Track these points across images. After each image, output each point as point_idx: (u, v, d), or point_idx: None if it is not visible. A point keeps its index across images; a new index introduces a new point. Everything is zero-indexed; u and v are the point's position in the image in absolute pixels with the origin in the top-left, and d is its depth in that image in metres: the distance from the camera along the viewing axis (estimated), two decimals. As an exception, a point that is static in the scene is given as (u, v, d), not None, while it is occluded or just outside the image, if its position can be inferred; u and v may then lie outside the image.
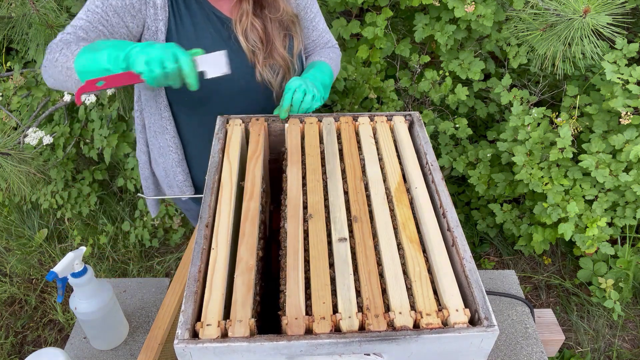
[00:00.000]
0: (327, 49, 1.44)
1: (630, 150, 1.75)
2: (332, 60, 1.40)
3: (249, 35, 1.22)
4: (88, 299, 1.06)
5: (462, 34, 2.02)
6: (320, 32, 1.41)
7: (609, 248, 1.96)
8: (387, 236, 0.89)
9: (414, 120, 1.16)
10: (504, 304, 1.29)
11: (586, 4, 1.48)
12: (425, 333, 0.73)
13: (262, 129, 1.13)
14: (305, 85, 1.18)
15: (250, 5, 1.20)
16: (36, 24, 1.65)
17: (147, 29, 1.17)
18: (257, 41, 1.23)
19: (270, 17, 1.24)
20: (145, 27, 1.17)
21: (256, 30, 1.22)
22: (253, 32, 1.22)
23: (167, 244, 2.62)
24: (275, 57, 1.26)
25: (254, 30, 1.22)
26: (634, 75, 1.75)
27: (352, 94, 2.20)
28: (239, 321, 0.74)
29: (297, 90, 1.16)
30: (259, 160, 1.05)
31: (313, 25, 1.38)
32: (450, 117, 2.33)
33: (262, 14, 1.24)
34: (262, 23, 1.24)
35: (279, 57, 1.26)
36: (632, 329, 2.19)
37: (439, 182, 0.99)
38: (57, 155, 2.24)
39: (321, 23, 1.40)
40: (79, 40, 1.10)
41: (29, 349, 2.19)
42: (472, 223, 2.52)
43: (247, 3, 1.20)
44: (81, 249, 1.04)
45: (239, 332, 0.73)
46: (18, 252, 2.60)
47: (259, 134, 1.12)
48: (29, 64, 2.67)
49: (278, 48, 1.25)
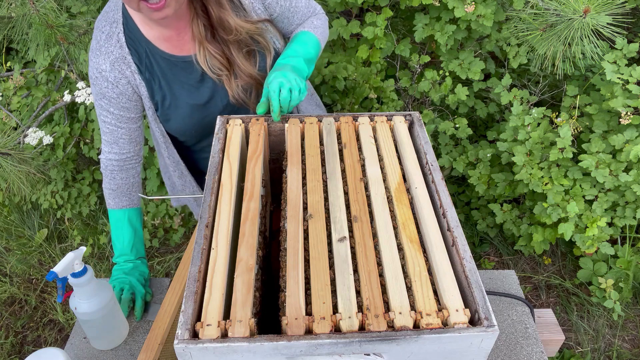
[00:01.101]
0: (311, 18, 1.35)
1: (630, 150, 1.75)
2: (316, 28, 1.33)
3: (210, 63, 1.21)
4: (88, 299, 1.06)
5: (462, 34, 2.02)
6: (303, 11, 1.32)
7: (609, 248, 1.96)
8: (387, 236, 0.89)
9: (414, 120, 1.16)
10: (504, 304, 1.29)
11: (586, 4, 1.48)
12: (425, 333, 0.73)
13: (262, 129, 1.13)
14: (288, 81, 1.13)
15: (202, 31, 1.19)
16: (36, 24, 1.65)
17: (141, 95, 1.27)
18: (220, 67, 1.22)
19: (226, 39, 1.21)
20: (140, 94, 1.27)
21: (215, 58, 1.21)
22: (212, 59, 1.21)
23: (167, 244, 2.62)
24: (243, 77, 1.24)
25: (213, 58, 1.21)
26: (634, 75, 1.75)
27: (352, 94, 2.20)
28: (239, 321, 0.74)
29: (282, 90, 1.12)
30: (259, 160, 1.05)
31: (292, 11, 1.30)
32: (450, 117, 2.33)
33: (218, 38, 1.21)
34: (220, 48, 1.22)
35: (246, 77, 1.24)
36: (632, 329, 2.19)
37: (439, 182, 0.99)
38: (57, 155, 2.24)
39: (300, 4, 1.30)
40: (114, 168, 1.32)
41: (29, 349, 2.19)
42: (472, 223, 2.52)
43: (197, 28, 1.18)
44: (81, 249, 1.03)
45: (239, 332, 0.73)
46: (18, 252, 2.60)
47: (259, 134, 1.12)
48: (29, 64, 2.67)
49: (243, 68, 1.23)
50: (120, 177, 1.32)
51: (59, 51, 2.04)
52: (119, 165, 1.31)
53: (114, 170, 1.32)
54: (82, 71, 2.04)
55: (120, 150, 1.30)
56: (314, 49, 1.29)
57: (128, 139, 1.30)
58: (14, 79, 2.21)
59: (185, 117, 1.30)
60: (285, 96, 1.11)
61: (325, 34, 1.39)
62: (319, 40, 1.32)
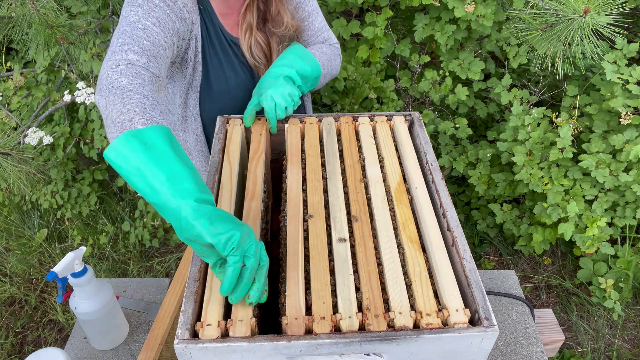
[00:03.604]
0: (322, 44, 1.33)
1: (630, 150, 1.75)
2: (323, 53, 1.27)
3: (254, 50, 1.22)
4: (88, 299, 1.06)
5: (462, 34, 2.02)
6: (315, 32, 1.32)
7: (609, 248, 1.96)
8: (387, 236, 0.89)
9: (414, 120, 1.16)
10: (504, 304, 1.29)
11: (586, 4, 1.48)
12: (425, 333, 0.73)
13: (264, 128, 1.13)
14: (284, 99, 1.11)
15: (254, 18, 1.19)
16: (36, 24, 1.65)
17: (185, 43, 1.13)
18: (262, 56, 1.23)
19: (274, 31, 1.22)
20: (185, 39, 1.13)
21: (260, 46, 1.22)
22: (257, 47, 1.22)
23: (167, 244, 2.62)
24: None
25: (258, 46, 1.22)
26: (634, 75, 1.75)
27: (352, 94, 2.20)
28: (240, 321, 0.74)
29: (277, 110, 1.11)
30: (260, 159, 1.04)
31: (305, 25, 1.30)
32: (450, 117, 2.33)
33: (266, 28, 1.23)
34: (266, 38, 1.23)
35: None
36: (632, 329, 2.19)
37: (439, 182, 0.99)
38: (57, 155, 2.24)
39: (316, 22, 1.31)
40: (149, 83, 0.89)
41: (29, 349, 2.19)
42: (472, 223, 2.52)
43: (251, 14, 1.19)
44: (81, 249, 1.04)
45: (240, 331, 0.72)
46: (18, 252, 2.60)
47: (260, 133, 1.12)
48: (29, 64, 2.67)
49: None
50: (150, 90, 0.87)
51: (59, 51, 2.04)
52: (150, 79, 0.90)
53: (139, 73, 0.89)
54: (82, 71, 2.04)
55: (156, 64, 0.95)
56: (310, 67, 1.20)
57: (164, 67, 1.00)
58: (14, 79, 2.21)
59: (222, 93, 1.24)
60: (281, 115, 1.12)
61: (332, 64, 1.30)
62: (320, 64, 1.23)
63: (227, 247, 0.70)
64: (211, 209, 0.72)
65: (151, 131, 0.76)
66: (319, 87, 1.31)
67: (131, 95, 0.83)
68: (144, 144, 0.75)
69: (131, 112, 0.79)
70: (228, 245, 0.70)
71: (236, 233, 0.71)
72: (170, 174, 0.72)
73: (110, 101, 0.82)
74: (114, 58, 0.90)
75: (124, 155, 0.74)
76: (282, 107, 1.11)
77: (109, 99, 0.83)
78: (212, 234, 0.70)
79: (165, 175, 0.72)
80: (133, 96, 0.83)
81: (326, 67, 1.27)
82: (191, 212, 0.70)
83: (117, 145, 0.75)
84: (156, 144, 0.75)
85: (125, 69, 0.88)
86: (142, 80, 0.87)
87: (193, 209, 0.70)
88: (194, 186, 0.72)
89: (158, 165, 0.73)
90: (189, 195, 0.71)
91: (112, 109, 0.81)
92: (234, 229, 0.71)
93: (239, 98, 1.27)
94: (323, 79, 1.28)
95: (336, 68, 1.35)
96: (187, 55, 1.17)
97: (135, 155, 0.74)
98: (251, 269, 0.73)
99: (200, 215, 0.70)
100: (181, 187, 0.72)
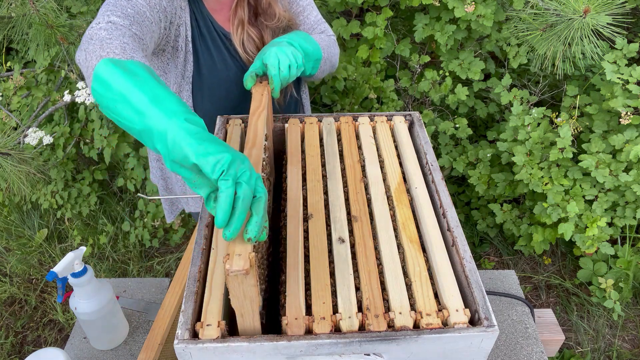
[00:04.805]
0: (320, 34, 1.32)
1: (630, 150, 1.75)
2: (322, 40, 1.26)
3: (247, 45, 1.21)
4: (88, 299, 1.06)
5: (462, 34, 2.02)
6: (311, 25, 1.31)
7: (609, 248, 1.96)
8: (387, 236, 0.89)
9: (414, 120, 1.16)
10: (504, 304, 1.29)
11: (586, 4, 1.48)
12: (425, 333, 0.73)
13: (265, 90, 1.06)
14: (287, 57, 1.07)
15: (245, 13, 1.19)
16: (36, 24, 1.65)
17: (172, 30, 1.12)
18: (254, 51, 1.22)
19: (266, 24, 1.22)
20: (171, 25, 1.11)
21: (252, 40, 1.21)
22: (250, 42, 1.21)
23: (167, 244, 2.62)
24: None
25: (251, 40, 1.21)
26: (634, 75, 1.75)
27: (352, 94, 2.20)
28: (237, 255, 0.67)
29: (281, 67, 1.06)
30: (261, 115, 0.97)
31: (301, 20, 1.30)
32: (450, 117, 2.33)
33: (258, 22, 1.22)
34: (259, 32, 1.22)
35: None
36: (632, 329, 2.19)
37: (439, 182, 0.99)
38: (57, 155, 2.24)
39: (312, 16, 1.31)
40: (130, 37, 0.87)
41: (29, 349, 2.19)
42: (472, 223, 2.52)
43: (242, 10, 1.19)
44: (81, 249, 1.04)
45: (237, 265, 0.65)
46: (18, 252, 2.60)
47: (262, 94, 1.04)
48: (29, 64, 2.67)
49: None
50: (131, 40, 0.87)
51: (59, 51, 2.04)
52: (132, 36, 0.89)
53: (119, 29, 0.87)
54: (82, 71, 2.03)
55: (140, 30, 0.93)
56: (312, 48, 1.19)
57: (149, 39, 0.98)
58: (14, 79, 2.21)
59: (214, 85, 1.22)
60: (285, 74, 1.06)
61: (332, 52, 1.30)
62: (320, 47, 1.23)
63: (217, 170, 0.62)
64: (202, 130, 0.67)
65: (131, 63, 0.74)
66: (319, 75, 1.28)
67: (110, 41, 0.81)
68: (125, 69, 0.72)
69: (111, 54, 0.77)
70: (217, 168, 0.62)
71: (227, 155, 0.63)
72: (155, 96, 0.69)
73: (89, 51, 0.80)
74: (95, 22, 0.89)
75: (106, 83, 0.71)
76: (286, 64, 1.06)
77: (88, 49, 0.81)
78: (199, 153, 0.63)
79: (150, 97, 0.68)
80: (112, 42, 0.81)
81: (326, 52, 1.25)
82: (179, 131, 0.65)
83: (98, 72, 0.72)
84: (138, 72, 0.72)
85: (105, 25, 0.86)
86: (122, 33, 0.85)
87: (181, 128, 0.65)
88: (183, 108, 0.68)
89: (142, 89, 0.69)
90: (178, 115, 0.66)
91: (91, 57, 0.79)
92: (225, 152, 0.64)
93: (231, 91, 1.25)
94: (324, 65, 1.26)
95: (335, 57, 1.34)
96: (178, 44, 1.16)
97: (118, 80, 0.71)
98: (244, 197, 0.63)
99: (189, 134, 0.64)
100: (169, 108, 0.67)
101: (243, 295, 0.68)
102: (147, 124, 0.67)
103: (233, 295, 0.68)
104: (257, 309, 0.71)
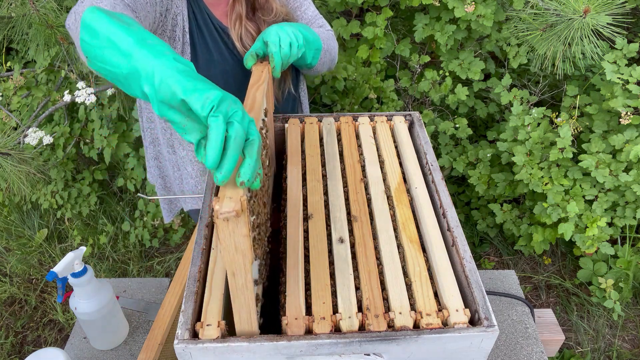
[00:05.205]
0: (319, 28, 1.31)
1: (630, 150, 1.75)
2: (320, 32, 1.26)
3: (244, 40, 1.21)
4: (88, 299, 1.06)
5: (462, 34, 2.02)
6: (309, 20, 1.31)
7: (609, 248, 1.96)
8: (387, 236, 0.89)
9: (414, 120, 1.16)
10: (504, 304, 1.29)
11: (586, 4, 1.48)
12: (425, 333, 0.72)
13: (266, 68, 1.03)
14: (287, 35, 1.05)
15: (243, 8, 1.19)
16: (36, 24, 1.65)
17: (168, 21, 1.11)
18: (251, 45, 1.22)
19: (263, 19, 1.22)
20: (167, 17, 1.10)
21: (250, 35, 1.21)
22: (247, 36, 1.21)
23: (167, 244, 2.62)
24: None
25: (248, 35, 1.21)
26: (634, 75, 1.75)
27: (352, 94, 2.20)
28: (228, 198, 0.63)
29: (282, 45, 1.04)
30: (260, 88, 0.91)
31: (298, 15, 1.30)
32: (450, 117, 2.33)
33: (256, 17, 1.22)
34: (257, 27, 1.22)
35: None
36: (632, 329, 2.19)
37: (439, 182, 0.99)
38: (57, 155, 2.24)
39: (309, 11, 1.31)
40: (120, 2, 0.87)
41: (29, 349, 2.19)
42: (472, 223, 2.52)
43: (240, 5, 1.19)
44: (81, 249, 1.04)
45: (227, 206, 0.62)
46: (18, 252, 2.60)
47: (262, 71, 1.01)
48: (29, 64, 2.67)
49: None
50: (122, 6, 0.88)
51: (59, 51, 2.04)
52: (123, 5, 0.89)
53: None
54: (82, 71, 2.04)
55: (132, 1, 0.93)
56: (313, 37, 1.17)
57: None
58: (14, 79, 2.21)
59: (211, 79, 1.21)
60: (286, 52, 1.04)
61: (331, 45, 1.30)
62: (320, 38, 1.22)
63: (206, 105, 0.59)
64: (191, 70, 0.64)
65: (119, 14, 0.74)
66: (320, 67, 1.27)
67: (101, 2, 0.83)
68: (112, 15, 0.71)
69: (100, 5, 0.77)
70: (207, 103, 0.59)
71: (217, 92, 0.60)
72: (142, 38, 0.67)
73: (78, 12, 0.79)
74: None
75: (93, 30, 0.70)
76: (287, 42, 1.04)
77: (77, 11, 0.80)
78: (188, 89, 0.60)
79: (137, 39, 0.66)
80: (103, 2, 0.83)
81: (325, 44, 1.25)
82: (167, 69, 0.62)
83: (85, 19, 0.71)
84: (125, 19, 0.71)
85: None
86: (112, 1, 0.85)
87: (170, 66, 0.62)
88: (171, 50, 0.66)
89: (129, 32, 0.67)
90: (166, 55, 0.64)
91: (79, 14, 0.77)
92: (216, 89, 0.61)
93: (229, 84, 1.25)
94: (324, 56, 1.25)
95: (335, 50, 1.33)
96: (175, 34, 1.16)
97: (104, 25, 0.69)
98: (236, 136, 0.60)
99: (177, 72, 0.62)
100: (156, 48, 0.65)
101: (234, 248, 0.62)
102: (134, 65, 0.65)
103: (224, 247, 0.62)
104: (249, 267, 0.66)
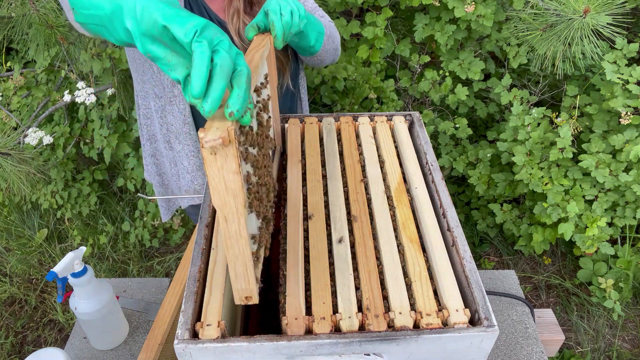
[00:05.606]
0: (320, 18, 1.29)
1: (630, 150, 1.75)
2: (322, 20, 1.24)
3: (242, 34, 1.21)
4: (88, 299, 1.06)
5: (462, 34, 2.02)
6: (308, 11, 1.28)
7: (609, 248, 1.96)
8: (387, 236, 0.89)
9: (414, 120, 1.16)
10: (504, 304, 1.29)
11: (586, 4, 1.48)
12: (425, 333, 0.72)
13: (268, 38, 0.99)
14: (288, 3, 1.00)
15: (241, 2, 1.19)
16: (36, 24, 1.65)
17: None
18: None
19: None
20: None
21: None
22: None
23: (167, 244, 2.62)
24: None
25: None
26: (634, 75, 1.75)
27: (352, 94, 2.20)
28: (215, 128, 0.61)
29: (283, 14, 1.00)
30: (260, 51, 0.87)
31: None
32: (450, 117, 2.33)
33: (253, 11, 1.22)
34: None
35: None
36: (632, 329, 2.19)
37: (439, 182, 0.99)
38: (57, 155, 2.25)
39: (308, 3, 1.29)
40: None
41: (29, 349, 2.19)
42: (472, 223, 2.52)
43: (238, 1, 1.19)
44: (81, 249, 1.04)
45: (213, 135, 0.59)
46: (18, 252, 2.60)
47: (262, 39, 0.96)
48: (29, 64, 2.67)
49: None
50: None
51: (59, 51, 2.04)
52: None
53: None
54: (82, 71, 2.04)
55: None
56: (313, 18, 1.14)
57: None
58: (14, 79, 2.21)
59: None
60: (287, 20, 1.00)
61: (333, 33, 1.28)
62: (324, 26, 1.20)
63: (189, 31, 0.56)
64: (175, 2, 0.62)
65: None
66: (323, 55, 1.25)
67: None
68: None
69: None
70: (190, 29, 0.56)
71: (201, 20, 0.58)
72: None
73: None
74: None
75: None
76: (288, 9, 1.00)
77: None
78: (169, 15, 0.58)
79: None
80: None
81: (327, 30, 1.23)
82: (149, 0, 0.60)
83: None
84: None
85: None
86: None
87: None
88: None
89: None
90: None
91: None
92: (199, 18, 0.59)
93: None
94: (327, 44, 1.23)
95: (337, 40, 1.32)
96: None
97: None
98: (222, 64, 0.57)
99: (160, 1, 0.60)
100: None
101: (224, 187, 0.59)
102: (116, 2, 0.63)
103: (213, 187, 0.59)
104: (242, 210, 0.62)
